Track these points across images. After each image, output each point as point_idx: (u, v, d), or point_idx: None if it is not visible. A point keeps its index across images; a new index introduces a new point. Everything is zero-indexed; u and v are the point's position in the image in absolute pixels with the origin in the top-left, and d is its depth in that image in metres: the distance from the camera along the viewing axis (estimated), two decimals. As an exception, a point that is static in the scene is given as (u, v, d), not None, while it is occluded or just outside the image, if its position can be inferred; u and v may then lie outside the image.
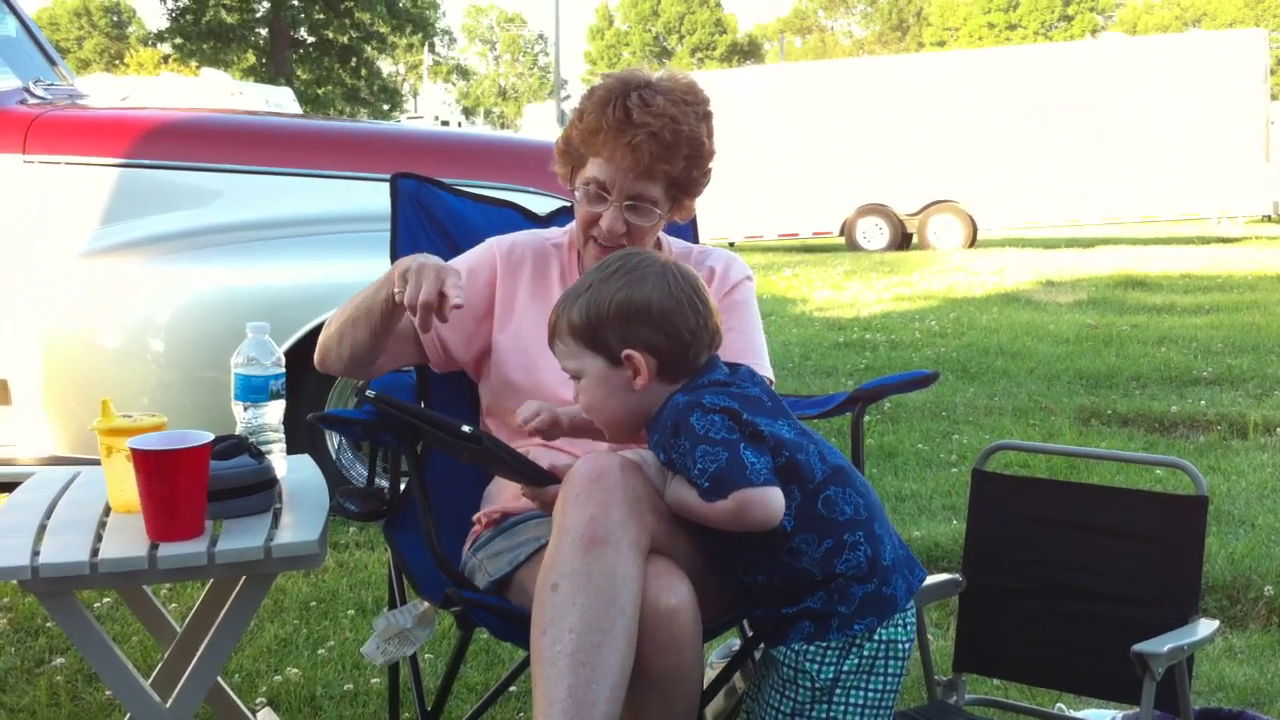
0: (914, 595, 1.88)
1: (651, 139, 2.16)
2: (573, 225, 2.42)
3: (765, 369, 2.32)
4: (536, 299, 2.34)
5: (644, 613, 1.79)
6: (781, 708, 1.84)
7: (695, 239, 2.67)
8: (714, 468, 1.76)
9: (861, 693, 1.82)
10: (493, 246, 2.39)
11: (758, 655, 2.38)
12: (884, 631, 1.82)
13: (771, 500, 1.76)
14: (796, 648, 1.82)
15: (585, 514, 1.80)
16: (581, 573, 1.77)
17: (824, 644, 1.80)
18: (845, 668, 1.81)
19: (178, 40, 43.10)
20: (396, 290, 2.06)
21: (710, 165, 2.29)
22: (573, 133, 2.26)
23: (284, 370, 2.29)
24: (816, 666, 1.81)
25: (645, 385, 1.89)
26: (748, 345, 2.33)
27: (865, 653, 1.81)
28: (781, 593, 1.83)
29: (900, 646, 1.83)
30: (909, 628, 1.85)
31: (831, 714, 1.82)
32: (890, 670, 1.83)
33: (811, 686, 1.81)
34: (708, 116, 2.26)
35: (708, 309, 1.91)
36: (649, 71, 2.27)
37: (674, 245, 2.44)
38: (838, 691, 1.81)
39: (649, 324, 1.87)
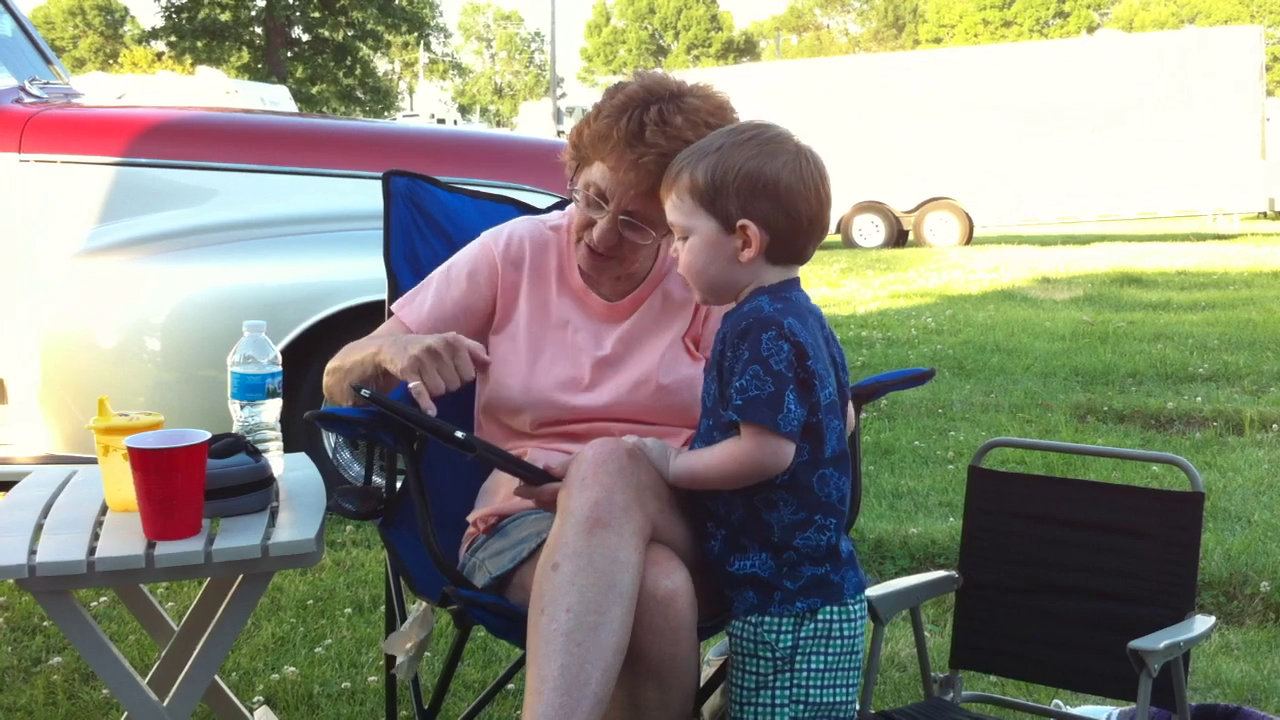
0: (862, 590, 1.91)
1: (660, 161, 2.04)
2: (572, 208, 2.40)
3: None
4: (535, 293, 2.31)
5: (641, 599, 1.81)
6: (745, 683, 1.86)
7: None
8: (754, 393, 1.77)
9: (821, 657, 1.85)
10: (489, 244, 2.34)
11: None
12: (827, 611, 1.85)
13: (783, 453, 1.79)
14: (753, 620, 1.84)
15: (590, 497, 1.82)
16: (583, 554, 1.78)
17: (774, 618, 1.84)
18: (803, 634, 1.84)
19: (172, 38, 43.04)
20: (412, 386, 2.02)
21: None
22: (585, 130, 2.17)
23: (280, 368, 2.28)
24: (774, 636, 1.84)
25: (752, 259, 1.87)
26: None
27: (820, 617, 1.85)
28: (735, 533, 1.86)
29: (849, 625, 1.86)
30: (855, 624, 1.88)
31: (795, 681, 1.84)
32: (845, 633, 1.86)
33: (772, 657, 1.84)
34: None
35: (828, 200, 1.89)
36: (683, 81, 2.16)
37: None
38: (798, 659, 1.84)
39: (773, 200, 1.85)
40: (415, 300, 2.33)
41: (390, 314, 2.39)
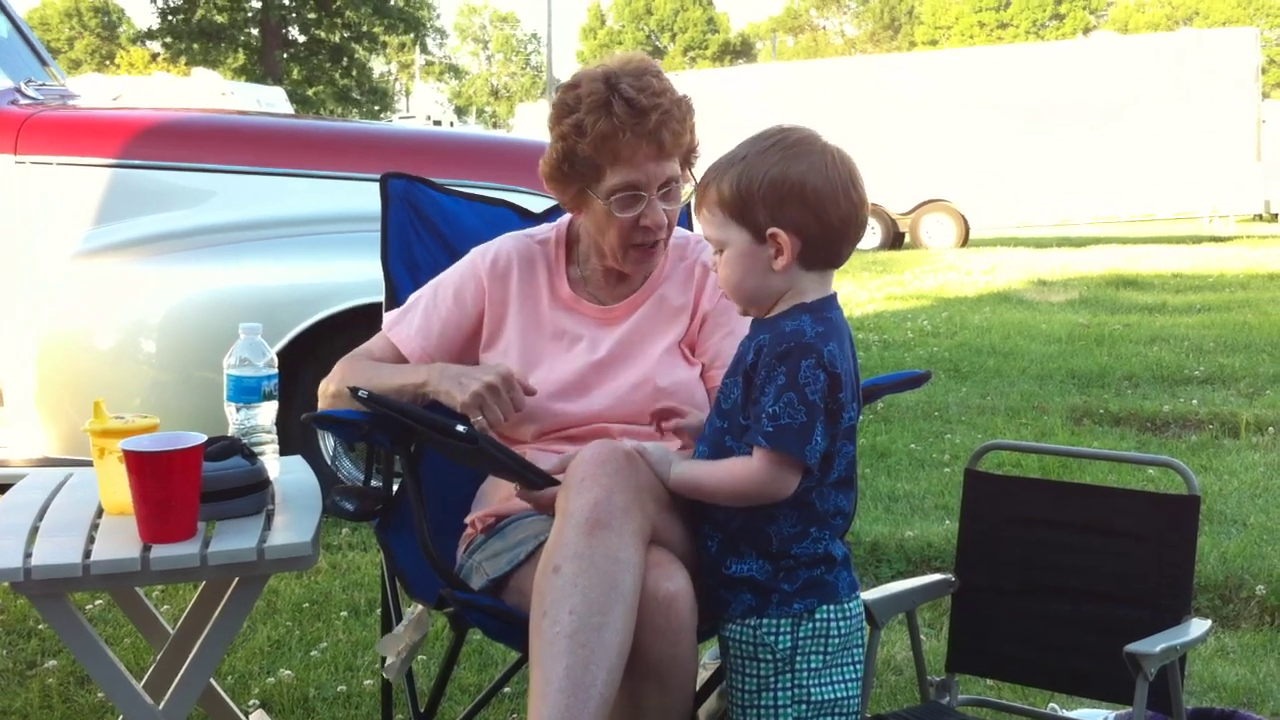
0: (855, 590, 1.92)
1: (667, 117, 2.16)
2: (562, 221, 2.41)
3: None
4: (525, 307, 2.33)
5: (643, 599, 1.81)
6: (746, 686, 1.86)
7: (690, 229, 2.66)
8: (786, 421, 1.77)
9: (820, 656, 1.85)
10: (476, 261, 2.36)
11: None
12: (824, 610, 1.86)
13: (793, 482, 1.80)
14: (752, 622, 1.85)
15: (589, 498, 1.82)
16: (584, 556, 1.79)
17: (772, 619, 1.84)
18: (802, 634, 1.84)
19: (168, 40, 43.03)
20: (476, 421, 2.10)
21: None
22: (578, 148, 2.17)
23: (276, 371, 2.28)
24: (774, 637, 1.84)
25: (786, 267, 1.84)
26: None
27: (818, 616, 1.85)
28: (733, 538, 1.86)
29: (846, 623, 1.87)
30: (851, 621, 1.88)
31: (796, 681, 1.84)
32: (841, 631, 1.86)
33: (773, 658, 1.84)
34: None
35: (861, 200, 1.86)
36: (598, 66, 2.23)
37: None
38: (798, 659, 1.84)
39: (800, 205, 1.81)
40: (405, 319, 2.35)
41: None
